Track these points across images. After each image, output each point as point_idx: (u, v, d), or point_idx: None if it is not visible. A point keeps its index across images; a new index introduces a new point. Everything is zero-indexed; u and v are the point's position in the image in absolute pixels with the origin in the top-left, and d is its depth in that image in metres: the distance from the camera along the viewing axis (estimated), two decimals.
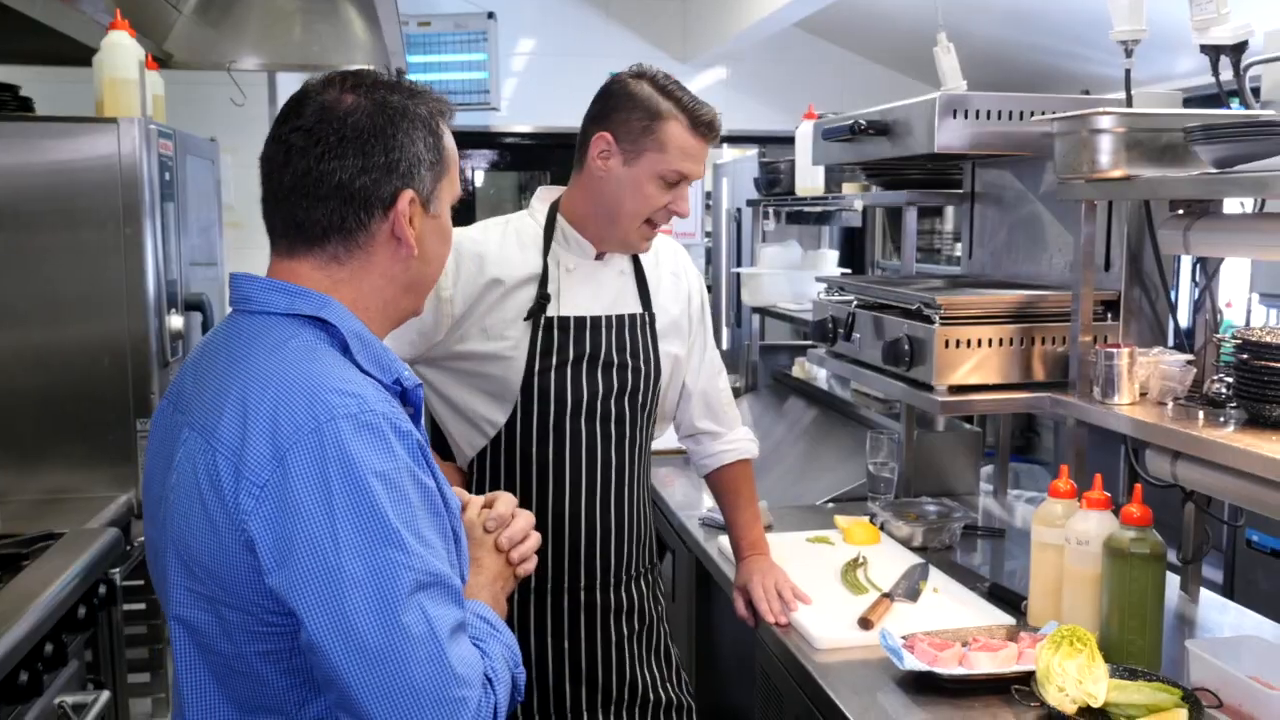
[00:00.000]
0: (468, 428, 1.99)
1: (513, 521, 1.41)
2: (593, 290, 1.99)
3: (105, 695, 2.15)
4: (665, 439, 2.24)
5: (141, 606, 2.79)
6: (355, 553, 1.08)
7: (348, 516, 1.08)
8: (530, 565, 1.43)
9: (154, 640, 2.83)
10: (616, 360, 1.98)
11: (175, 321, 2.90)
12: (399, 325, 1.37)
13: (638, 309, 2.03)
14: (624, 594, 2.04)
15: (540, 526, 1.90)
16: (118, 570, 2.46)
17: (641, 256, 2.06)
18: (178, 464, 1.18)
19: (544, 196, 2.04)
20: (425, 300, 1.37)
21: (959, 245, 3.24)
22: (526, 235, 1.99)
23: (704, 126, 1.91)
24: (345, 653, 1.08)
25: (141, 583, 2.77)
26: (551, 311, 1.94)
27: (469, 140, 6.10)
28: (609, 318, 1.99)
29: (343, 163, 1.21)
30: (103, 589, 2.34)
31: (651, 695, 2.06)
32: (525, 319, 1.93)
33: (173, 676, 1.22)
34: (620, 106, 1.89)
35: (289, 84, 4.59)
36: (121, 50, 2.85)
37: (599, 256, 2.00)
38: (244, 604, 1.13)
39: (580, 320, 1.96)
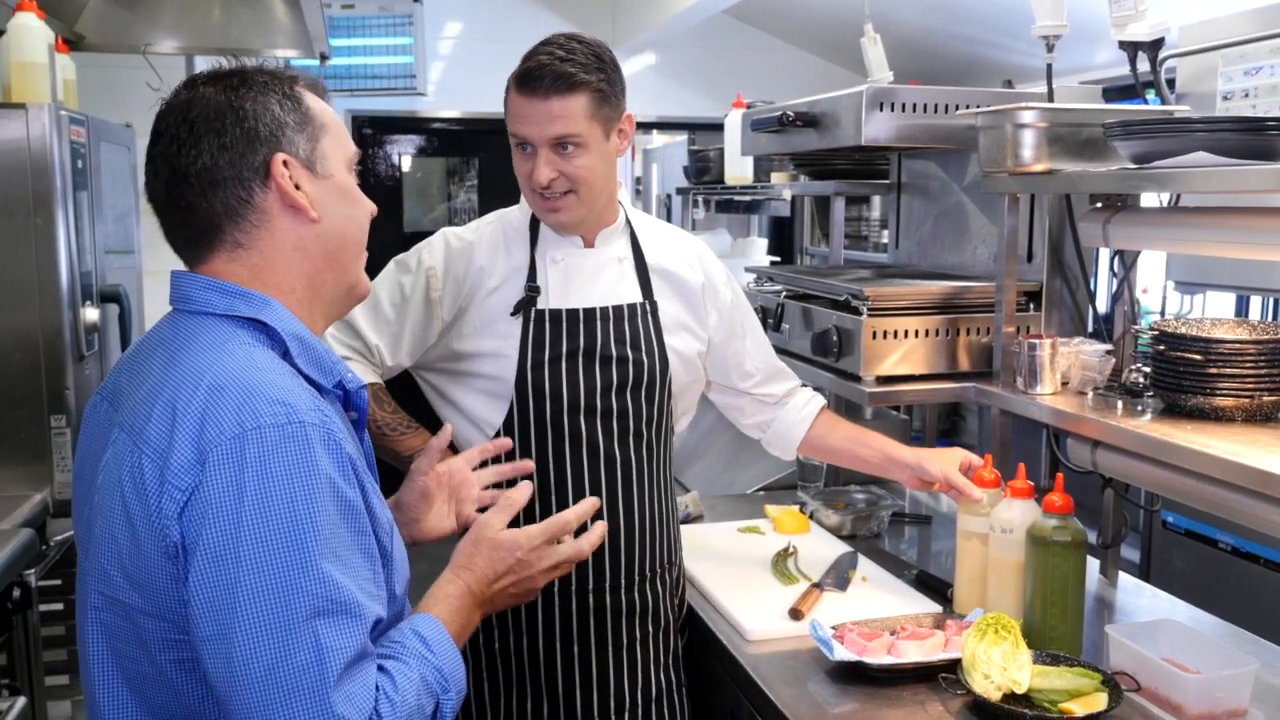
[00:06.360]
0: (471, 430, 1.91)
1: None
2: (585, 280, 1.90)
3: (21, 701, 2.10)
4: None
5: (59, 607, 2.72)
6: (255, 568, 1.04)
7: (254, 529, 1.05)
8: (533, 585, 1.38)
9: (72, 641, 2.76)
10: (615, 353, 1.88)
11: (90, 314, 2.81)
12: (346, 307, 1.31)
13: (638, 298, 1.94)
14: (637, 595, 1.94)
15: None
16: (33, 572, 2.39)
17: (643, 244, 1.96)
18: (105, 465, 1.14)
19: None
20: (363, 276, 1.30)
21: (886, 232, 3.28)
22: (513, 228, 1.92)
23: (521, 81, 1.76)
24: (225, 669, 1.04)
25: (59, 582, 2.70)
26: (542, 304, 1.87)
27: (395, 126, 5.99)
28: (605, 309, 1.89)
29: (198, 148, 1.17)
30: (17, 592, 2.28)
31: (665, 700, 1.97)
32: (514, 313, 1.86)
33: (85, 685, 1.18)
34: None
35: (207, 68, 4.47)
36: (29, 32, 2.75)
37: (589, 244, 1.93)
38: (162, 611, 1.10)
39: (573, 313, 1.87)
